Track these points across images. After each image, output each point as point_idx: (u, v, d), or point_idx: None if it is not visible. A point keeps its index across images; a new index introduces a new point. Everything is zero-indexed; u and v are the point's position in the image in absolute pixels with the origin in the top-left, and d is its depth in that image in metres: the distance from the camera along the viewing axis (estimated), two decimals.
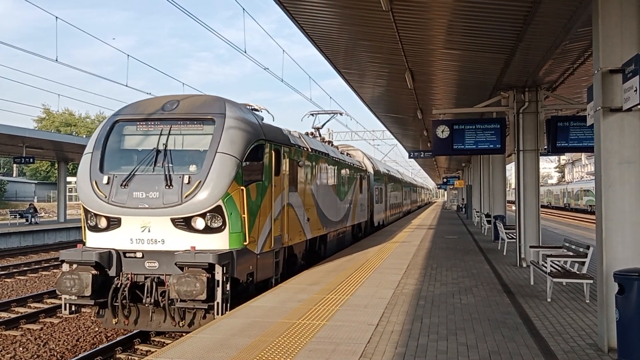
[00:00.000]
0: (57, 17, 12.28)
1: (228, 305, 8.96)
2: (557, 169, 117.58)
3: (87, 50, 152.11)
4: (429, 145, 29.25)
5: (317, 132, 19.33)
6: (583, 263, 9.88)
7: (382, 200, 29.37)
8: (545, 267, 10.03)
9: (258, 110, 11.76)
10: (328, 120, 21.10)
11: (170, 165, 9.43)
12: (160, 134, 9.72)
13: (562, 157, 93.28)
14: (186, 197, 9.01)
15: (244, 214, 9.43)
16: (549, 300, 9.57)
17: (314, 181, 14.58)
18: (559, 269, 10.35)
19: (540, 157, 14.57)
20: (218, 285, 8.68)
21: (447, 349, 6.65)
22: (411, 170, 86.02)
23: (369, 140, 48.75)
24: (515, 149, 14.05)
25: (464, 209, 47.78)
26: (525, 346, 6.76)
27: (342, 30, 11.41)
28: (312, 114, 19.98)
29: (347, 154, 22.19)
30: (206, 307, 8.74)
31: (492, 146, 13.86)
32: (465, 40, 10.97)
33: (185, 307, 8.80)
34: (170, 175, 9.22)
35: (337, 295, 9.90)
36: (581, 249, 10.19)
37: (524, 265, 13.84)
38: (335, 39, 12.05)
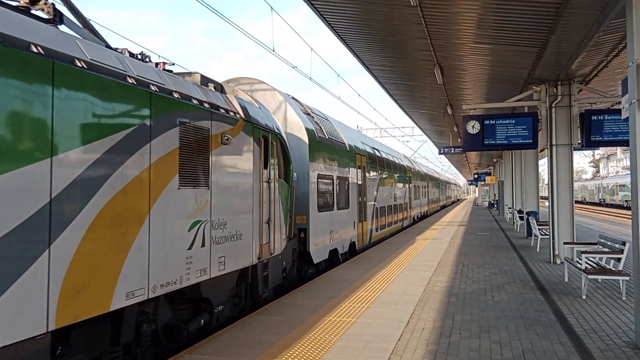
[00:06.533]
0: (88, 20, 12.47)
1: None
2: (592, 164, 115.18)
3: None
4: (459, 141, 29.03)
5: None
6: (619, 259, 9.72)
7: (347, 201, 15.89)
8: (580, 264, 9.86)
9: None
10: None
11: None
12: None
13: (596, 151, 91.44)
14: None
15: None
16: (583, 297, 9.41)
17: None
18: (594, 265, 10.16)
19: (574, 151, 14.34)
20: None
21: (480, 346, 6.59)
22: (441, 166, 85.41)
23: (399, 137, 48.46)
24: (548, 144, 13.85)
25: (495, 205, 47.24)
26: (560, 344, 6.66)
27: (370, 27, 11.38)
28: None
29: (236, 94, 8.93)
30: None
31: (524, 141, 13.70)
32: (496, 34, 10.84)
33: None
34: None
35: (367, 292, 9.89)
36: (617, 245, 10.01)
37: (558, 261, 13.64)
38: (363, 35, 12.03)
